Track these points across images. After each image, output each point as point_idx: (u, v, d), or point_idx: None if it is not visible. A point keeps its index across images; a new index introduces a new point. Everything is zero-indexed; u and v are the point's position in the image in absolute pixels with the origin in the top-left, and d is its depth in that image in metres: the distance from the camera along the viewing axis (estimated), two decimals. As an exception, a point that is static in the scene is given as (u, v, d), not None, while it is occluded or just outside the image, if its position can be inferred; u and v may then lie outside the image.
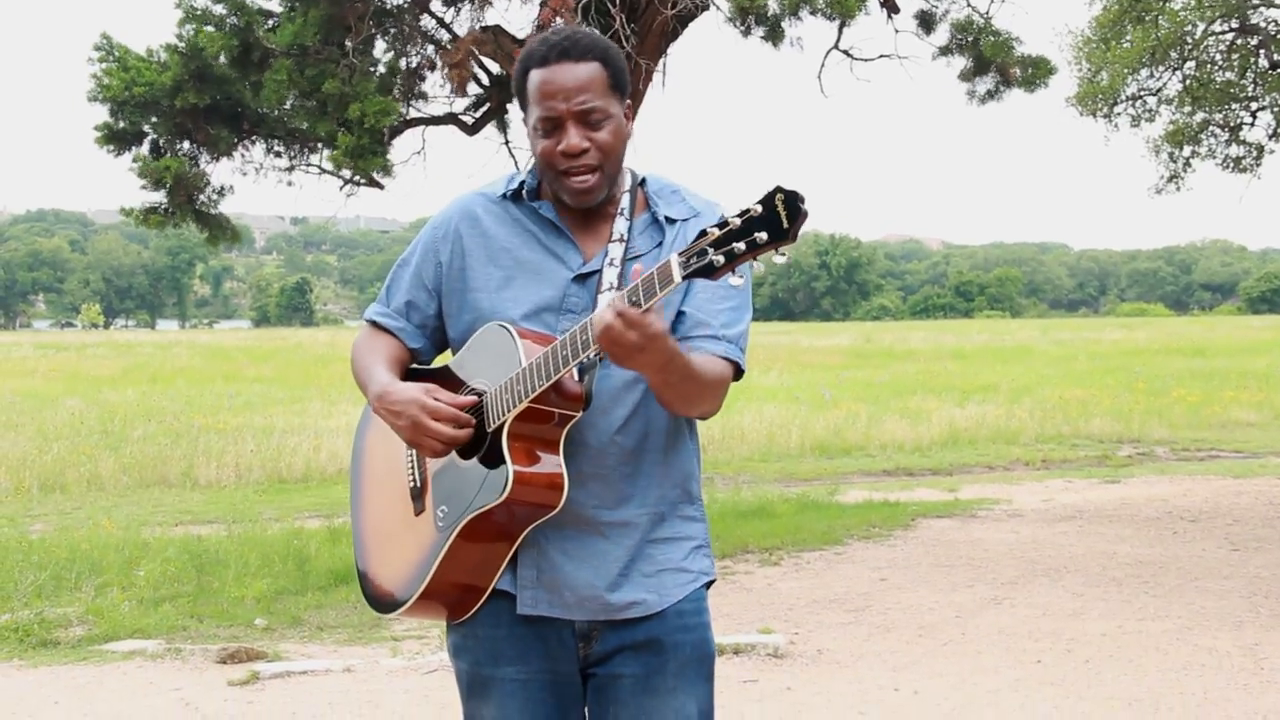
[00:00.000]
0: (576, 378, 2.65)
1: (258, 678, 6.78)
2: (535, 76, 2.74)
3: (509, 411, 2.63)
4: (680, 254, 2.34)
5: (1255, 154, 14.91)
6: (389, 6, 11.61)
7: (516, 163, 12.31)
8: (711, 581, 2.91)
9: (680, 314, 2.75)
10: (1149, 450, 18.22)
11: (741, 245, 2.27)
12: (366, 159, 10.86)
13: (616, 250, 2.75)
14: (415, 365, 2.96)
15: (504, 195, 2.88)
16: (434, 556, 2.73)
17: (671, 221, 2.80)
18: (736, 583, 9.14)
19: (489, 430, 2.69)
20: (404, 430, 2.71)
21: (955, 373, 32.68)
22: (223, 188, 12.42)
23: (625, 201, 2.81)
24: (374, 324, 2.97)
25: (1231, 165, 14.93)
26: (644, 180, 2.87)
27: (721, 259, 2.29)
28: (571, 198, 2.76)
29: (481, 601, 2.78)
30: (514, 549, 2.74)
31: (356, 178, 11.66)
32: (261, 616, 8.16)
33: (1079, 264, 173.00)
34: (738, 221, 2.28)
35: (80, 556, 9.47)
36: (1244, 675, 6.73)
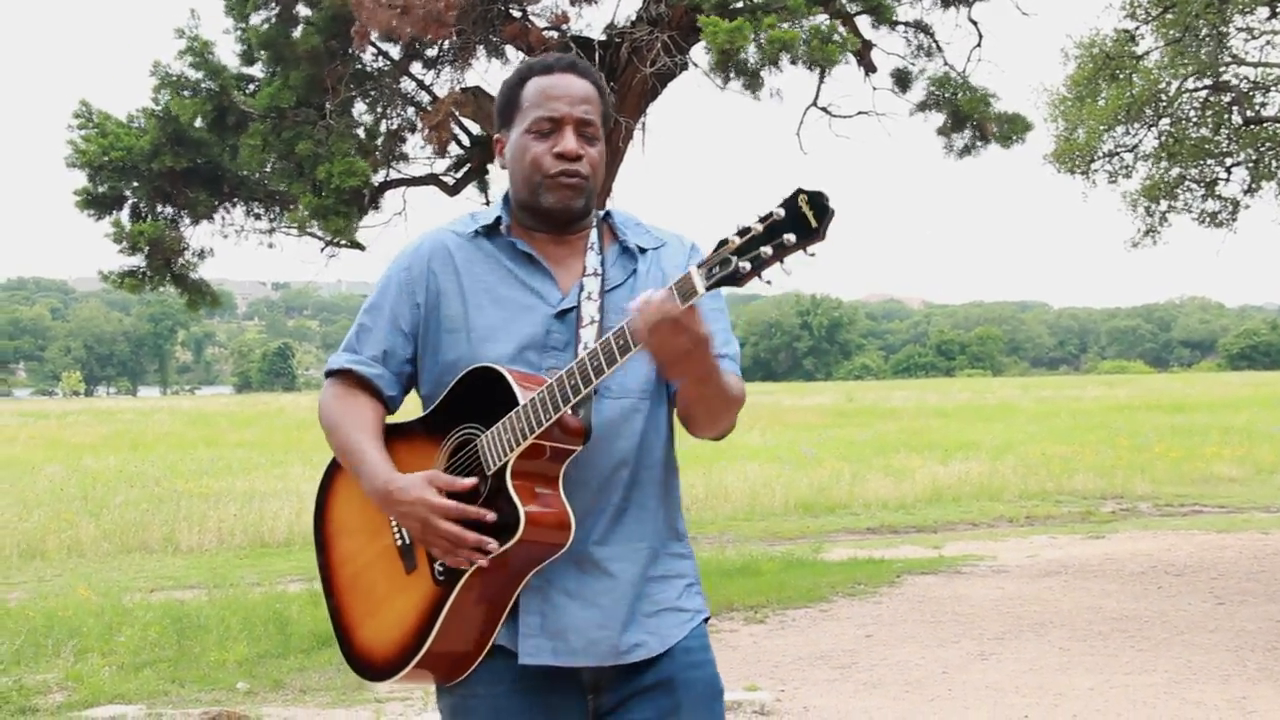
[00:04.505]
0: (573, 411, 2.54)
1: (239, 742, 6.71)
2: (537, 83, 2.71)
3: (510, 451, 2.52)
4: (700, 265, 2.28)
5: (1231, 209, 14.99)
6: (369, 69, 11.67)
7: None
8: (707, 618, 2.84)
9: None
10: (1132, 506, 18.21)
11: (768, 249, 2.20)
12: (330, 219, 10.83)
13: (592, 284, 2.69)
14: (388, 420, 2.80)
15: (476, 232, 2.78)
16: (436, 614, 2.57)
17: (643, 251, 2.77)
18: (722, 640, 9.08)
19: (488, 474, 2.56)
20: (414, 532, 2.57)
21: (938, 430, 32.69)
22: (202, 251, 12.42)
23: (594, 236, 2.76)
24: (346, 373, 2.80)
25: (1208, 220, 15.01)
26: (608, 214, 2.83)
27: (748, 265, 2.21)
28: (556, 199, 2.69)
29: (479, 660, 2.62)
30: (515, 598, 2.61)
31: (336, 239, 11.65)
32: (243, 680, 8.08)
33: (1059, 322, 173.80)
34: (759, 227, 2.22)
35: (59, 623, 9.38)
36: (1232, 727, 6.70)
